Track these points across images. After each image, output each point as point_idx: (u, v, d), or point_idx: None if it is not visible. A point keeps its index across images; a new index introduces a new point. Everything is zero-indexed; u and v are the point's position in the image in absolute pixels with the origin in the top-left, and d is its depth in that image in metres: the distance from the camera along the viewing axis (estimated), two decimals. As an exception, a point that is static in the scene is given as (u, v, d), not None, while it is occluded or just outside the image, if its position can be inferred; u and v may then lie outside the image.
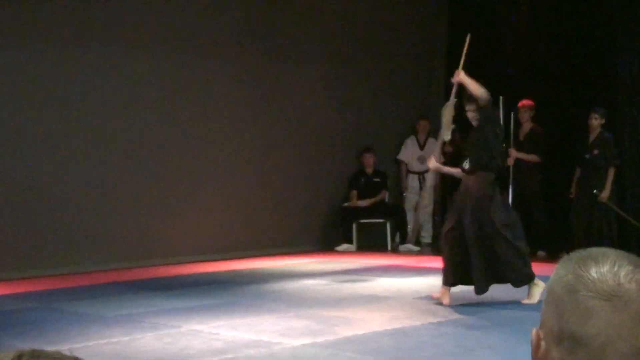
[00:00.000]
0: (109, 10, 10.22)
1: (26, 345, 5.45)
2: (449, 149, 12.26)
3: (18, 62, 9.62)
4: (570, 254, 1.36)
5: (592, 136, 10.30)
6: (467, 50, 8.10)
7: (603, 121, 10.26)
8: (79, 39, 9.99)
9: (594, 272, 1.30)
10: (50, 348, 1.14)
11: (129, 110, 10.39)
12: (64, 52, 9.90)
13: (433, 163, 8.25)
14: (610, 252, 1.33)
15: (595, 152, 10.20)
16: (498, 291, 7.77)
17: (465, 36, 8.16)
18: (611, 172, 10.19)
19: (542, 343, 1.33)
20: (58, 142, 9.88)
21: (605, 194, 10.10)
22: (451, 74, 8.26)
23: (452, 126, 11.70)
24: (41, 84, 9.76)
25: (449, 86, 9.13)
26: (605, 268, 1.30)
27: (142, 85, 10.49)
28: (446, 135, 11.83)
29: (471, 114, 7.81)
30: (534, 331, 1.35)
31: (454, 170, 8.17)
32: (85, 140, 10.07)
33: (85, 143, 10.06)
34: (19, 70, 9.64)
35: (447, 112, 9.07)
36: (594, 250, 1.35)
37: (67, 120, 9.94)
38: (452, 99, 8.00)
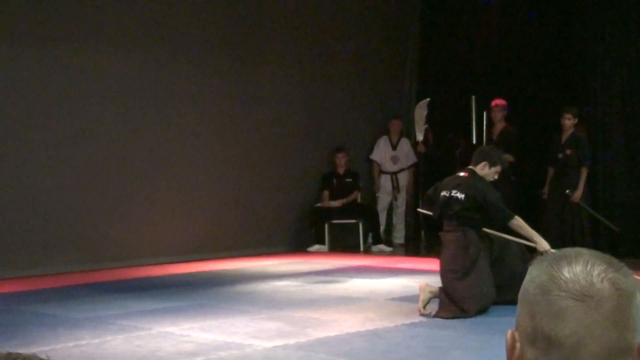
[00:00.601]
0: (86, 11, 10.12)
1: (-7, 348, 5.36)
2: (422, 148, 12.27)
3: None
4: (544, 254, 1.36)
5: (565, 136, 10.33)
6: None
7: (576, 121, 10.29)
8: (59, 39, 9.90)
9: (566, 272, 1.30)
10: (18, 351, 1.10)
11: (95, 112, 10.29)
12: (40, 52, 9.80)
13: None
14: (584, 252, 1.34)
15: (568, 152, 10.23)
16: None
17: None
18: (584, 172, 10.22)
19: (517, 344, 1.34)
20: (24, 144, 9.77)
21: (577, 194, 10.13)
22: (423, 74, 8.26)
23: (425, 126, 11.74)
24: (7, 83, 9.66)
25: (421, 86, 9.19)
26: (578, 268, 1.30)
27: (111, 86, 10.40)
28: (419, 135, 11.87)
29: None
30: (509, 332, 1.35)
31: None
32: (53, 142, 9.97)
33: (52, 145, 9.97)
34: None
35: (419, 113, 9.14)
36: (568, 251, 1.35)
37: (31, 120, 9.83)
38: (426, 99, 7.99)
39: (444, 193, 7.46)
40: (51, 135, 9.95)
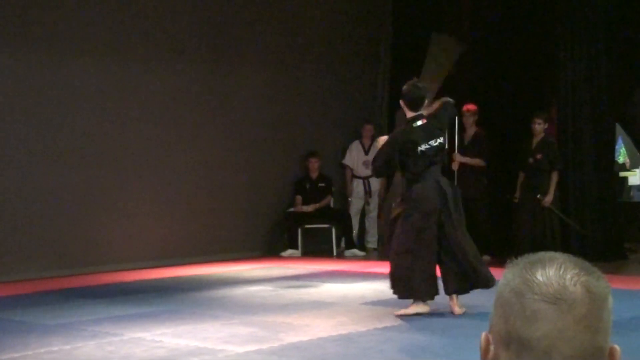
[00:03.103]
0: (59, 18, 10.07)
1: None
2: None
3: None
4: (519, 257, 1.37)
5: (536, 140, 10.39)
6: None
7: (546, 126, 10.37)
8: (38, 45, 9.84)
9: (540, 276, 1.32)
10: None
11: (70, 116, 10.24)
12: (29, 59, 9.74)
13: None
14: (558, 256, 1.35)
15: (539, 156, 10.29)
16: (444, 297, 7.78)
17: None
18: (554, 177, 10.30)
19: (491, 347, 1.35)
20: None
21: (548, 198, 10.20)
22: (395, 79, 8.24)
23: None
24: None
25: (394, 91, 9.19)
26: (551, 271, 1.32)
27: (84, 93, 10.33)
28: None
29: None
30: (483, 335, 1.36)
31: None
32: (24, 146, 9.90)
33: (24, 149, 9.89)
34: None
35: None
36: (542, 254, 1.37)
37: (5, 125, 9.77)
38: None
39: (425, 147, 7.28)
40: (24, 142, 9.88)
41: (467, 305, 7.41)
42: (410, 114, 7.44)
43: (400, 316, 7.21)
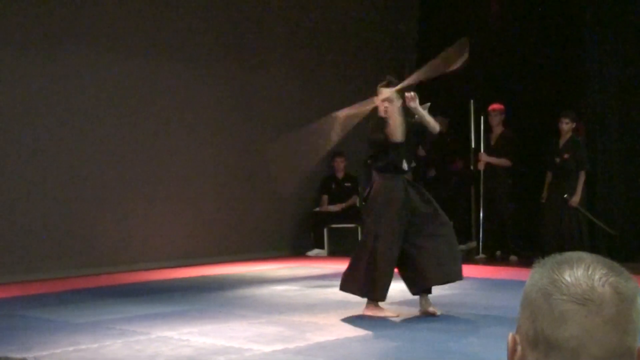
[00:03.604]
0: (83, 13, 10.13)
1: (-8, 353, 5.37)
2: (421, 152, 12.28)
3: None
4: (546, 258, 1.36)
5: (563, 140, 10.34)
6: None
7: (573, 125, 10.31)
8: (60, 44, 9.90)
9: (568, 276, 1.31)
10: (17, 355, 1.11)
11: (93, 117, 10.29)
12: (38, 57, 9.81)
13: None
14: (586, 257, 1.35)
15: (566, 156, 10.24)
16: (470, 295, 7.77)
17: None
18: (582, 177, 10.23)
19: (518, 347, 1.35)
20: (23, 148, 9.77)
21: (576, 199, 10.14)
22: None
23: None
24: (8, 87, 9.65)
25: (420, 91, 9.19)
26: (579, 272, 1.31)
27: (110, 91, 10.40)
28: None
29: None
30: (510, 335, 1.36)
31: None
32: (51, 147, 9.96)
33: (50, 150, 9.96)
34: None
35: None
36: (570, 255, 1.36)
37: (30, 125, 9.82)
38: (426, 104, 7.87)
39: None
40: (49, 141, 9.95)
41: (486, 305, 7.40)
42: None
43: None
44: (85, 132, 10.23)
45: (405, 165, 7.35)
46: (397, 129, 7.22)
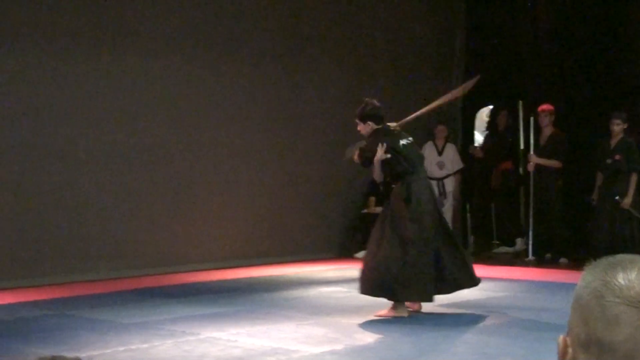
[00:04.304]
0: (132, 17, 10.22)
1: (45, 352, 5.44)
2: (479, 153, 12.23)
3: (20, 68, 9.57)
4: (597, 260, 1.35)
5: (614, 141, 10.21)
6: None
7: (625, 126, 10.17)
8: (94, 46, 10.00)
9: (621, 279, 1.30)
10: (70, 355, 1.12)
11: (142, 117, 10.36)
12: (70, 59, 9.91)
13: None
14: (638, 259, 1.33)
15: (617, 157, 10.11)
16: (520, 297, 7.72)
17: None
18: (634, 178, 10.08)
19: (569, 349, 1.34)
20: (74, 151, 9.88)
21: (627, 200, 10.00)
22: (469, 79, 8.27)
23: (486, 132, 11.78)
24: (39, 89, 9.71)
25: (468, 91, 9.18)
26: (632, 274, 1.30)
27: (154, 91, 10.46)
28: (477, 140, 11.88)
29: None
30: (560, 337, 1.35)
31: None
32: (101, 148, 10.06)
33: (101, 151, 10.06)
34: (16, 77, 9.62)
35: (480, 118, 9.05)
36: (622, 257, 1.35)
37: (80, 128, 9.93)
38: (489, 106, 7.98)
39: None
40: (95, 144, 10.03)
41: (536, 307, 7.35)
42: (375, 127, 7.80)
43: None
44: (139, 135, 10.32)
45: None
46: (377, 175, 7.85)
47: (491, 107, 11.84)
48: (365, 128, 7.81)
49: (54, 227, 9.74)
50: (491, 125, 12.41)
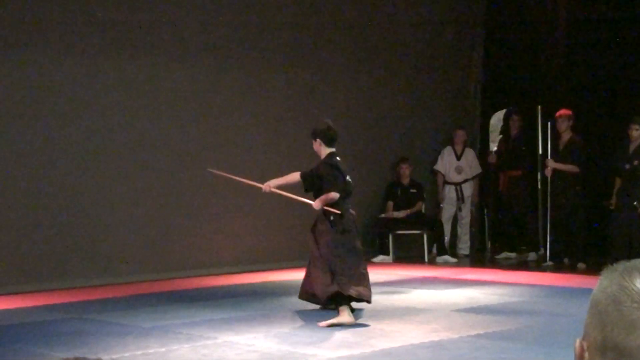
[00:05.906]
0: (116, 17, 10.23)
1: (66, 355, 5.47)
2: (493, 159, 12.20)
3: (35, 71, 9.62)
4: (615, 264, 1.35)
5: (633, 146, 10.17)
6: None
7: (643, 131, 10.13)
8: (125, 48, 10.05)
9: (638, 284, 1.29)
10: (91, 357, 1.13)
11: (150, 124, 10.39)
12: (86, 63, 9.95)
13: None
14: (655, 265, 1.33)
15: (636, 162, 10.07)
16: (538, 302, 7.69)
17: None
18: (652, 183, 10.06)
19: (586, 354, 1.33)
20: (91, 155, 9.92)
21: (646, 206, 9.97)
22: (488, 84, 8.25)
23: (500, 137, 11.76)
24: (52, 91, 9.75)
25: (486, 96, 9.18)
26: (650, 280, 1.29)
27: (165, 98, 10.48)
28: (492, 145, 11.89)
29: None
30: (577, 342, 1.35)
31: None
32: (117, 153, 10.10)
33: (117, 156, 10.10)
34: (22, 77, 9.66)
35: (494, 123, 8.98)
36: (639, 262, 1.33)
37: (98, 132, 9.97)
38: (502, 110, 7.94)
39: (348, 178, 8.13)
40: (112, 147, 10.07)
41: (553, 312, 7.31)
42: (327, 150, 8.15)
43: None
44: (150, 140, 10.35)
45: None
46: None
47: (504, 110, 11.79)
48: (315, 145, 8.17)
49: (75, 232, 9.80)
50: (504, 130, 12.36)
